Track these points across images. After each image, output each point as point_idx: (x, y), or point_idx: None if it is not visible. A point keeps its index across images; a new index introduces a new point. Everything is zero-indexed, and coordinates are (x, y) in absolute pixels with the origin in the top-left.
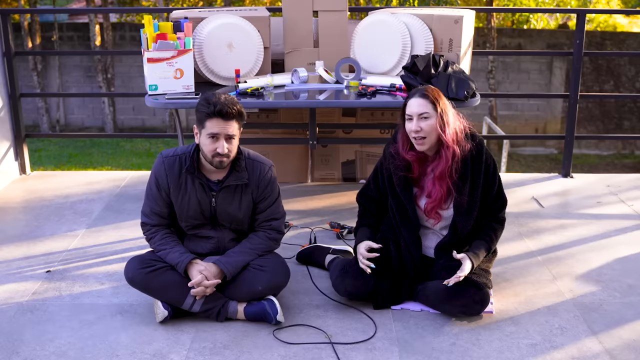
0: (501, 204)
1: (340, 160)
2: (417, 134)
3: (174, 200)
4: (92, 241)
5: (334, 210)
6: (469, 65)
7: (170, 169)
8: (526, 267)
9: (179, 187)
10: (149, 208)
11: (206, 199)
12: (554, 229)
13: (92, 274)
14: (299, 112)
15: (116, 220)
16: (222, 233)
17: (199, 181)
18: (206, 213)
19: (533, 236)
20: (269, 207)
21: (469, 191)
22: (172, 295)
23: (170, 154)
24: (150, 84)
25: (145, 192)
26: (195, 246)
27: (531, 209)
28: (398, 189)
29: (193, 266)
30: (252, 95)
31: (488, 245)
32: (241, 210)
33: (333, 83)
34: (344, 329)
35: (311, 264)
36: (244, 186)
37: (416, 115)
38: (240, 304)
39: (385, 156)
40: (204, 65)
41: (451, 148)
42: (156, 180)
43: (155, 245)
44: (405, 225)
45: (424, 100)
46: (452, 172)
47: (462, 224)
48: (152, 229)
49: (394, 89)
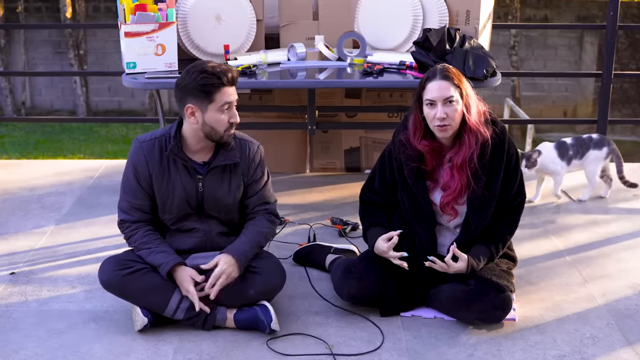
0: (520, 202)
1: (342, 148)
2: (442, 122)
3: (156, 190)
4: (62, 239)
5: (336, 205)
6: (488, 40)
7: (150, 154)
8: (553, 268)
9: (162, 173)
10: (127, 203)
11: (192, 184)
12: (584, 226)
13: (61, 276)
14: (296, 93)
15: (89, 215)
16: (209, 225)
17: (184, 164)
18: (192, 201)
19: (561, 233)
20: (260, 190)
21: (486, 184)
22: (153, 300)
23: (147, 138)
24: (127, 62)
25: (121, 185)
26: (177, 242)
27: (559, 202)
28: (410, 180)
29: (181, 271)
30: (243, 74)
31: (491, 254)
32: (230, 194)
33: (335, 60)
34: (347, 338)
35: (310, 265)
36: (233, 167)
37: (440, 100)
38: (230, 310)
39: (395, 144)
40: (188, 40)
41: (474, 132)
42: (134, 169)
43: (136, 245)
44: (419, 221)
45: (447, 83)
46: (474, 161)
47: (476, 221)
48: (132, 226)
49: (404, 66)
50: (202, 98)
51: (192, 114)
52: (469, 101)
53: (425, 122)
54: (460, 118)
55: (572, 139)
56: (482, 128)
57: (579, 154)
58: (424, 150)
